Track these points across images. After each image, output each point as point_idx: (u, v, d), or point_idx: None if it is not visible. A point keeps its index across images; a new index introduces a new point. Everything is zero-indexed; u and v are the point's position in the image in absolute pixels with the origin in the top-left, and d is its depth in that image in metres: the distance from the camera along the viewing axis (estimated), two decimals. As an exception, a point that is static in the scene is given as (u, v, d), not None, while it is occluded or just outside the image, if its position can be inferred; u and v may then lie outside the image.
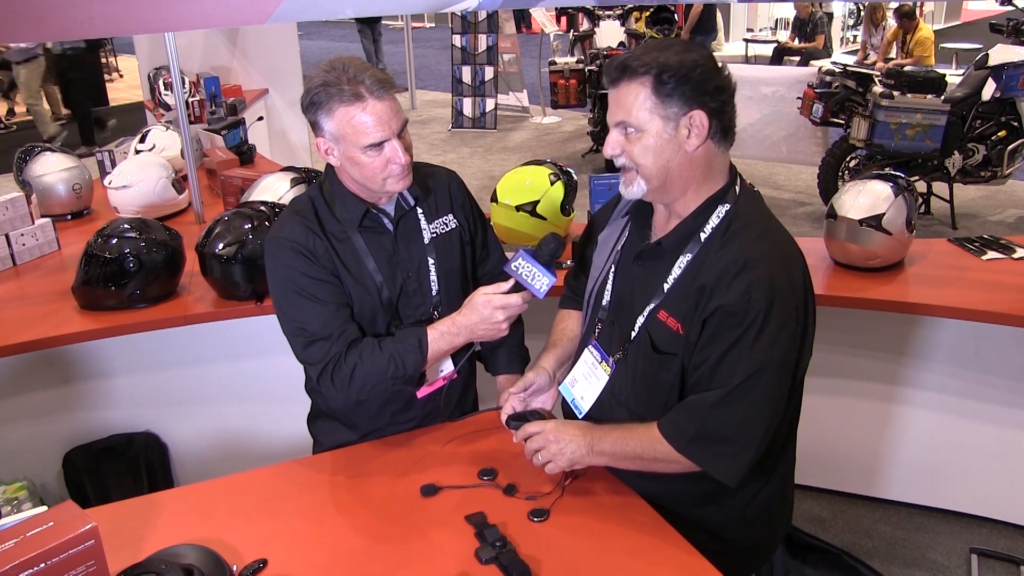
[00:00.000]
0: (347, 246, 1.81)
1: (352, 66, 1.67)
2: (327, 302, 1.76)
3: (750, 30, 13.10)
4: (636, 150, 1.51)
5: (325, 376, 1.76)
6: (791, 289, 1.49)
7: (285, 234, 1.79)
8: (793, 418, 1.67)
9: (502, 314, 1.72)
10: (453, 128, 9.06)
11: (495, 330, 1.74)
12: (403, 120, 1.73)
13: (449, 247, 1.92)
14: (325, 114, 1.68)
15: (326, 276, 1.77)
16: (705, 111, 1.47)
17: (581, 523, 1.58)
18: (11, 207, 2.98)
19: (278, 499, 1.70)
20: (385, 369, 1.75)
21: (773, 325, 1.45)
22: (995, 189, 6.19)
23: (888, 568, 2.73)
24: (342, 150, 1.72)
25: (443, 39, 12.60)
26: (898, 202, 2.70)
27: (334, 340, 1.75)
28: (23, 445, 2.77)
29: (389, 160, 1.71)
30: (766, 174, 6.98)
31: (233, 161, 3.77)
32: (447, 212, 1.94)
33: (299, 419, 2.08)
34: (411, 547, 1.53)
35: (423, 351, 1.76)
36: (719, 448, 1.50)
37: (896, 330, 2.81)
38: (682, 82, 1.45)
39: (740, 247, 1.49)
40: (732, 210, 1.54)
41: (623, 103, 1.50)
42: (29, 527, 1.21)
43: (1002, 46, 5.59)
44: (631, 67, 1.48)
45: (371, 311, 1.81)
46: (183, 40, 4.21)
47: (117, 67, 13.54)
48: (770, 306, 1.44)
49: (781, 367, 1.48)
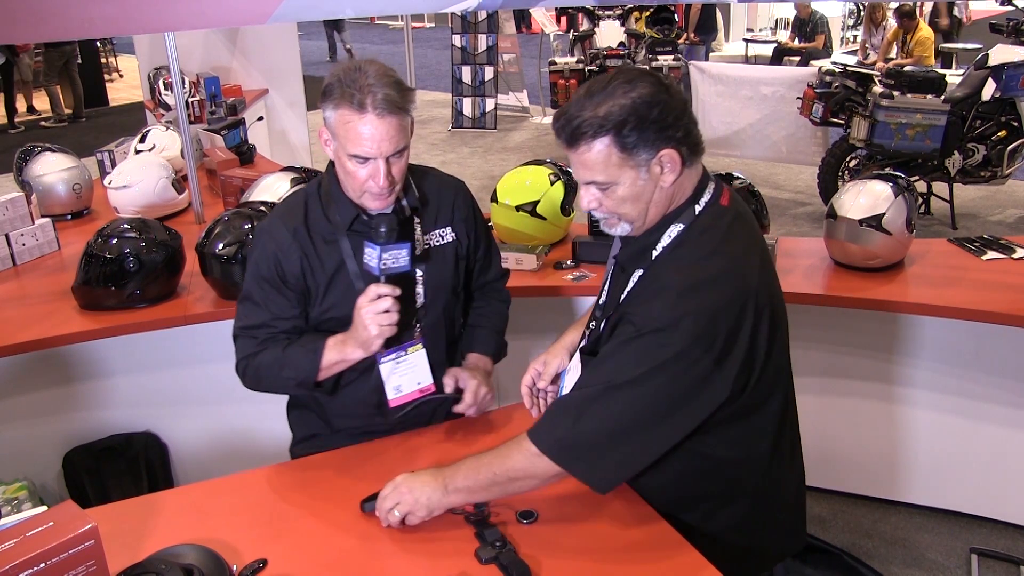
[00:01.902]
0: (333, 249, 1.81)
1: (373, 74, 1.65)
2: (269, 310, 1.82)
3: (750, 30, 13.09)
4: (613, 203, 1.48)
5: (239, 369, 1.86)
6: (707, 317, 1.40)
7: (268, 228, 1.84)
8: (747, 446, 1.58)
9: (369, 318, 1.70)
10: (453, 128, 9.06)
11: (366, 336, 1.72)
12: (399, 146, 1.69)
13: (442, 260, 1.91)
14: (331, 107, 1.68)
15: (280, 288, 1.81)
16: (672, 147, 1.43)
17: (581, 523, 1.58)
18: (11, 207, 2.98)
19: (278, 499, 1.70)
20: (279, 367, 1.79)
21: (663, 343, 1.40)
22: (995, 189, 6.19)
23: (888, 568, 2.73)
24: (334, 147, 1.73)
25: (443, 39, 12.59)
26: (898, 202, 2.70)
27: (258, 340, 1.82)
28: (23, 445, 2.76)
29: (369, 176, 1.70)
30: (766, 174, 6.98)
31: (233, 161, 3.77)
32: (446, 224, 1.92)
33: (299, 419, 2.07)
34: (411, 547, 1.53)
35: (316, 357, 1.77)
36: (579, 452, 1.47)
37: (896, 330, 2.81)
38: (643, 130, 1.40)
39: (670, 271, 1.47)
40: (685, 231, 1.50)
41: (588, 164, 1.45)
42: (29, 527, 1.21)
43: (1002, 46, 5.59)
44: (584, 131, 1.41)
45: (345, 319, 1.79)
46: (183, 40, 4.21)
47: (117, 67, 13.55)
48: (667, 326, 1.40)
49: (661, 387, 1.42)
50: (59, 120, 10.06)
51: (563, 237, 3.02)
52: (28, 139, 4.65)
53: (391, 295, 1.71)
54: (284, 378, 1.81)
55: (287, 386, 1.86)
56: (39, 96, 10.52)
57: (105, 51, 13.11)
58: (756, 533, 1.68)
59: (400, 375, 1.86)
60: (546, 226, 2.91)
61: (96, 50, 11.61)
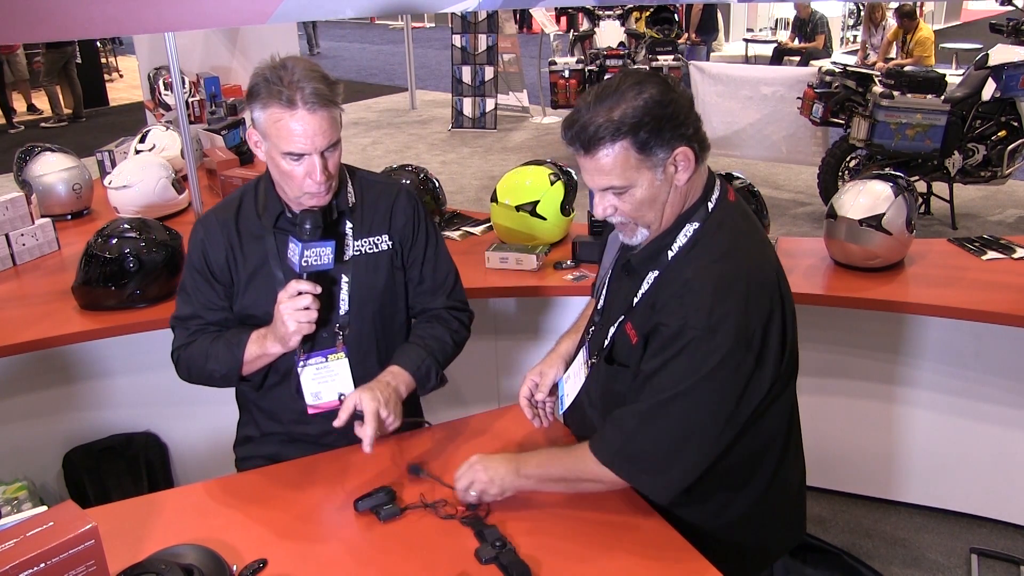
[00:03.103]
0: (259, 245, 1.81)
1: (299, 70, 1.64)
2: (198, 300, 1.85)
3: (750, 30, 13.09)
4: (631, 207, 1.49)
5: (173, 360, 1.89)
6: (743, 315, 1.44)
7: (202, 219, 1.88)
8: (765, 436, 1.61)
9: (288, 315, 1.68)
10: (453, 128, 9.06)
11: (284, 332, 1.71)
12: (331, 139, 1.68)
13: (374, 268, 1.86)
14: (260, 107, 1.66)
15: (208, 278, 1.83)
16: (686, 144, 1.45)
17: (581, 523, 1.58)
18: (11, 207, 2.98)
19: (278, 499, 1.69)
20: (204, 359, 1.82)
21: (708, 350, 1.42)
22: (995, 189, 6.19)
23: (888, 568, 2.73)
24: (266, 148, 1.71)
25: (443, 39, 12.60)
26: (898, 202, 2.70)
27: (189, 332, 1.86)
28: (23, 445, 2.76)
29: (307, 173, 1.69)
30: (766, 174, 6.98)
31: (233, 161, 3.77)
32: (382, 232, 1.87)
33: (299, 419, 2.06)
34: (411, 547, 1.53)
35: (239, 351, 1.79)
36: (643, 464, 1.50)
37: (896, 330, 2.81)
38: (660, 129, 1.42)
39: (694, 269, 1.48)
40: (700, 229, 1.52)
41: (605, 169, 1.45)
42: (29, 527, 1.21)
43: (1002, 46, 5.59)
44: (602, 136, 1.42)
45: (266, 314, 1.78)
46: (183, 40, 4.21)
47: (117, 67, 13.55)
48: (707, 332, 1.42)
49: (714, 396, 1.45)
50: (59, 120, 10.06)
51: (563, 237, 3.02)
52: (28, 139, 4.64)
53: (311, 292, 1.70)
54: (209, 370, 1.83)
55: (213, 378, 1.85)
56: (39, 96, 10.52)
57: (105, 51, 13.11)
58: (761, 528, 1.69)
59: (320, 382, 1.84)
60: (546, 226, 2.91)
61: (96, 50, 11.60)
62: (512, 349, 3.05)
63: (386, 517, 1.59)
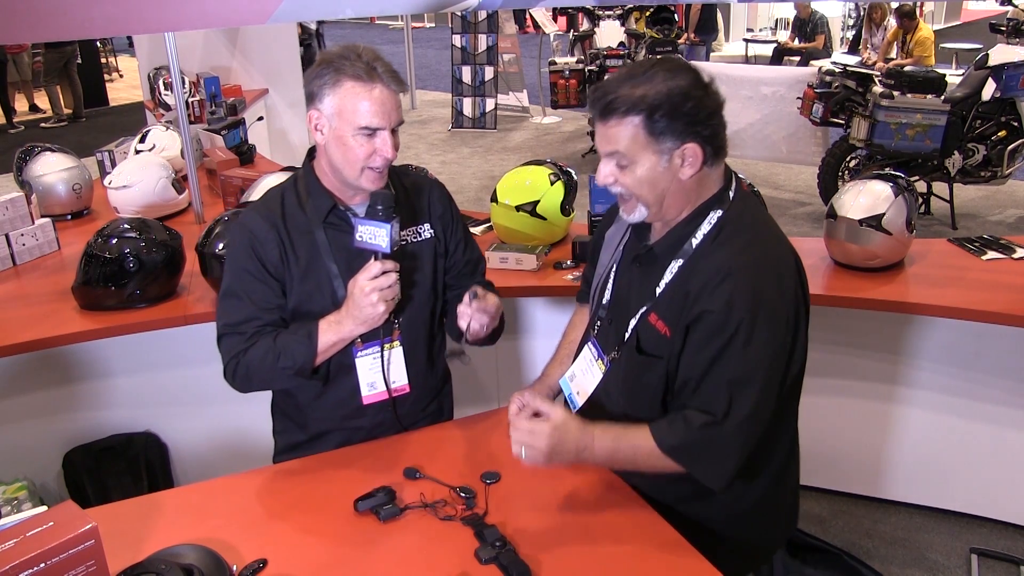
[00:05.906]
0: (308, 240, 1.81)
1: (368, 53, 1.70)
2: (253, 301, 1.79)
3: (750, 30, 13.10)
4: (630, 181, 1.50)
5: (228, 370, 1.81)
6: (780, 298, 1.48)
7: (244, 220, 1.84)
8: (783, 423, 1.65)
9: (376, 295, 1.68)
10: (453, 128, 9.06)
11: (372, 312, 1.70)
12: (401, 119, 1.74)
13: (421, 257, 1.90)
14: (331, 85, 1.68)
15: (263, 276, 1.79)
16: (698, 142, 1.46)
17: (580, 523, 1.58)
18: (11, 207, 2.98)
19: (278, 499, 1.70)
20: (274, 358, 1.75)
21: (759, 336, 1.45)
22: (995, 189, 6.19)
23: (888, 568, 2.73)
24: (333, 127, 1.71)
25: (443, 39, 12.60)
26: (898, 202, 2.70)
27: (246, 336, 1.78)
28: (23, 445, 2.77)
29: (376, 151, 1.70)
30: (766, 174, 6.98)
31: (233, 161, 3.77)
32: (424, 221, 1.91)
33: (299, 419, 2.06)
34: (411, 547, 1.53)
35: (312, 341, 1.75)
36: (702, 454, 1.51)
37: (896, 330, 2.81)
38: (674, 118, 1.44)
39: (727, 254, 1.49)
40: (724, 216, 1.53)
41: (613, 137, 1.48)
42: (29, 527, 1.21)
43: (1002, 46, 5.59)
44: (617, 107, 1.45)
45: (321, 310, 1.79)
46: (183, 40, 4.21)
47: (117, 67, 13.55)
48: (753, 316, 1.44)
49: (767, 378, 1.48)
50: (59, 120, 10.07)
51: (563, 237, 3.02)
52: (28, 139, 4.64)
53: (394, 271, 1.71)
54: (280, 368, 1.76)
55: (284, 376, 1.79)
56: (39, 96, 10.52)
57: (105, 51, 13.11)
58: (764, 523, 1.71)
59: (375, 372, 1.85)
60: (546, 226, 2.91)
61: (96, 50, 11.61)
62: (512, 349, 3.05)
63: (386, 517, 1.59)
